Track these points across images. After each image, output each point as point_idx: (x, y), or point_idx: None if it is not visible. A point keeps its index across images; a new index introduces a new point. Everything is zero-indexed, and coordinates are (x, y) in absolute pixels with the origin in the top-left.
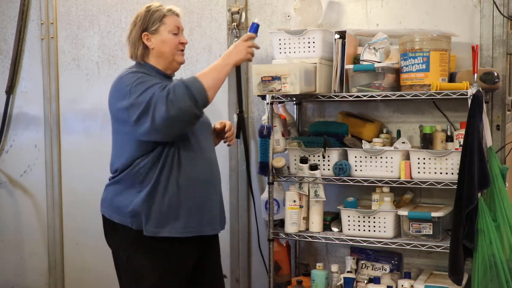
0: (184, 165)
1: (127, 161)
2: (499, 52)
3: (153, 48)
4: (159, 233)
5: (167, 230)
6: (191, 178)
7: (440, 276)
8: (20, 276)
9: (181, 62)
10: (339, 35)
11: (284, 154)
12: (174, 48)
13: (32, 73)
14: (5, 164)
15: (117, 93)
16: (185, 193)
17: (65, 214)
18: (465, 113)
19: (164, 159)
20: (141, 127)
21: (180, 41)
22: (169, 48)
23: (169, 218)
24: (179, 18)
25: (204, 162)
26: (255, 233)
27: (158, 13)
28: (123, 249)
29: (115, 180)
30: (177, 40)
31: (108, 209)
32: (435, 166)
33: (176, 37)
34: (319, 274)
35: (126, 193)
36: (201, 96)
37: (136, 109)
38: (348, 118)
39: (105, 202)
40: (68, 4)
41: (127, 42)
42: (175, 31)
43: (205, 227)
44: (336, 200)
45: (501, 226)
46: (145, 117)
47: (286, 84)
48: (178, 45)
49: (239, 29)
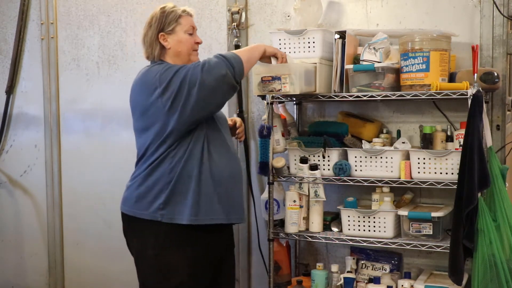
0: (213, 155)
1: (155, 153)
2: (499, 52)
3: (169, 48)
4: (195, 221)
5: (201, 218)
6: (221, 167)
7: (440, 276)
8: (20, 276)
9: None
10: (339, 35)
11: (284, 154)
12: (190, 48)
13: (32, 73)
14: (5, 164)
15: (145, 87)
16: (216, 182)
17: (65, 214)
18: (465, 113)
19: (194, 149)
20: (177, 110)
21: (195, 41)
22: (186, 48)
23: (202, 207)
24: (192, 18)
25: (230, 153)
26: (255, 233)
27: (173, 13)
28: (152, 245)
29: (142, 176)
30: (193, 40)
31: (134, 207)
32: (435, 166)
33: (192, 37)
34: (319, 274)
35: (155, 187)
36: (238, 65)
37: (170, 93)
38: (348, 118)
39: (129, 201)
40: (68, 4)
41: (143, 43)
42: (190, 31)
43: (232, 215)
44: (336, 200)
45: (501, 226)
46: (180, 97)
47: (286, 84)
48: (193, 45)
49: (239, 29)
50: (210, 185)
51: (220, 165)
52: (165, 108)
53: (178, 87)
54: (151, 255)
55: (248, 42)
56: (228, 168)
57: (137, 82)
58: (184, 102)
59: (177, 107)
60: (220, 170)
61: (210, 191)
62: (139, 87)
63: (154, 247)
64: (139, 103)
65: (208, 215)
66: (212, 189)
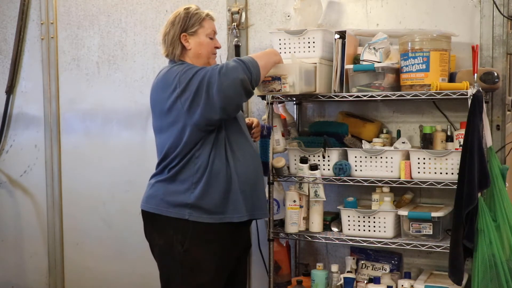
0: (237, 154)
1: (179, 153)
2: (499, 52)
3: (190, 49)
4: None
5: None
6: (246, 166)
7: (440, 276)
8: (20, 276)
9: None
10: (339, 35)
11: (284, 154)
12: (210, 52)
13: (32, 73)
14: (5, 164)
15: (165, 86)
16: (241, 180)
17: (65, 214)
18: (465, 113)
19: (218, 149)
20: (195, 111)
21: (215, 46)
22: (206, 51)
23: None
24: (214, 22)
25: (252, 150)
26: (255, 233)
27: (197, 15)
28: (178, 242)
29: (168, 176)
30: (213, 44)
31: (160, 205)
32: (435, 166)
33: (212, 41)
34: (319, 274)
35: (181, 186)
36: (255, 71)
37: (189, 93)
38: (348, 118)
39: (155, 198)
40: (68, 4)
41: (163, 41)
42: (211, 35)
43: (256, 211)
44: (336, 200)
45: (501, 226)
46: (199, 98)
47: (286, 84)
48: (213, 49)
49: (239, 29)
50: (236, 183)
51: (245, 163)
52: (184, 108)
53: (197, 88)
54: (178, 251)
55: (248, 42)
56: (252, 166)
57: (157, 81)
58: (203, 104)
59: (195, 108)
60: (245, 168)
61: (236, 189)
62: (160, 87)
63: (182, 244)
64: (159, 103)
65: (234, 213)
66: (238, 187)
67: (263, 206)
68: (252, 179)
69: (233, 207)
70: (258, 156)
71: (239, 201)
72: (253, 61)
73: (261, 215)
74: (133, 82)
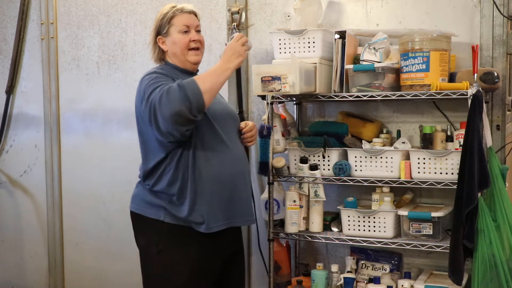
0: (211, 160)
1: (155, 159)
2: (499, 52)
3: (167, 50)
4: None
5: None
6: (218, 172)
7: (440, 276)
8: (20, 276)
9: (194, 62)
10: (339, 35)
11: (284, 154)
12: (184, 48)
13: (32, 73)
14: (5, 164)
15: (138, 94)
16: (213, 186)
17: (65, 214)
18: (465, 113)
19: (189, 156)
20: (152, 125)
21: (191, 39)
22: (179, 49)
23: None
24: (192, 15)
25: (229, 155)
26: (255, 233)
27: (166, 16)
28: (155, 243)
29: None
30: (187, 39)
31: (140, 205)
32: (435, 166)
33: (186, 35)
34: (319, 274)
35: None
36: (196, 99)
37: (147, 110)
38: (348, 118)
39: (137, 198)
40: (68, 4)
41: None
42: (184, 30)
43: (235, 219)
44: (336, 200)
45: (501, 226)
46: (152, 118)
47: (286, 84)
48: (188, 43)
49: (239, 29)
50: (207, 190)
51: (218, 166)
52: (146, 119)
53: (148, 110)
54: (153, 252)
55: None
56: (228, 170)
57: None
58: (153, 126)
59: (152, 125)
60: (217, 172)
61: (206, 198)
62: (136, 94)
63: (157, 245)
64: (136, 110)
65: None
66: (209, 193)
67: (245, 212)
68: (228, 186)
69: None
70: (241, 161)
71: (211, 209)
72: (195, 87)
73: (242, 223)
74: (133, 82)
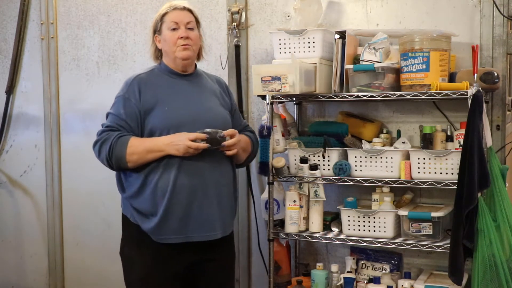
0: (167, 172)
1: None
2: (499, 52)
3: (161, 49)
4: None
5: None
6: (172, 184)
7: (440, 276)
8: (20, 276)
9: (182, 58)
10: (339, 35)
11: (284, 154)
12: (172, 45)
13: (32, 73)
14: (5, 164)
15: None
16: (166, 200)
17: (65, 214)
18: (465, 113)
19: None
20: None
21: (179, 36)
22: (168, 46)
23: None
24: (184, 11)
25: (190, 167)
26: (255, 233)
27: (159, 14)
28: (124, 239)
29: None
30: (176, 36)
31: (123, 202)
32: (435, 166)
33: (175, 32)
34: (319, 274)
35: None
36: (117, 164)
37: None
38: (348, 118)
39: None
40: (68, 4)
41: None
42: (172, 27)
43: (193, 234)
44: (336, 200)
45: (501, 226)
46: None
47: (286, 84)
48: (176, 40)
49: (239, 29)
50: (161, 203)
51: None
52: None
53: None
54: (121, 247)
55: (248, 42)
56: (185, 183)
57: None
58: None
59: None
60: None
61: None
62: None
63: (124, 241)
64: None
65: (161, 234)
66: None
67: (204, 228)
68: (182, 200)
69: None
70: (207, 172)
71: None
72: (121, 156)
73: (199, 238)
74: None
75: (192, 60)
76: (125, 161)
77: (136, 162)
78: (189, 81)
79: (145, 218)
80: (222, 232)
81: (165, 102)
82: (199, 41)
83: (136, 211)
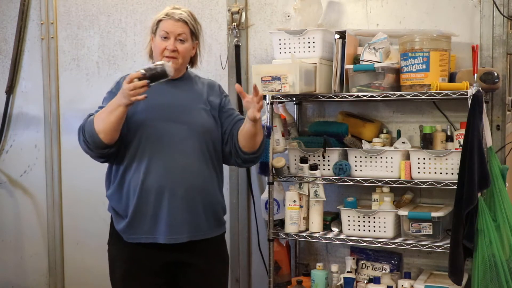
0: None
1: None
2: (499, 52)
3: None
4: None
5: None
6: (142, 184)
7: (440, 276)
8: (20, 276)
9: None
10: (339, 35)
11: (284, 154)
12: (159, 54)
13: (32, 73)
14: (5, 164)
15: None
16: (135, 199)
17: (65, 214)
18: (465, 113)
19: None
20: None
21: (166, 47)
22: (156, 52)
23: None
24: (179, 23)
25: (162, 166)
26: (255, 233)
27: (159, 17)
28: (108, 238)
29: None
30: (163, 46)
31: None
32: (435, 166)
33: (164, 42)
34: (319, 274)
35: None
36: (93, 140)
37: None
38: (348, 118)
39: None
40: (68, 4)
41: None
42: (163, 35)
43: (159, 235)
44: (336, 200)
45: (501, 226)
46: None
47: (286, 84)
48: (163, 50)
49: (239, 29)
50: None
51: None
52: None
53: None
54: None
55: (248, 42)
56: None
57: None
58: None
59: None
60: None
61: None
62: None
63: (110, 238)
64: None
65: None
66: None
67: (169, 231)
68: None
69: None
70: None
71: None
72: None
73: (164, 240)
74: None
75: (177, 70)
76: (95, 133)
77: (106, 132)
78: (176, 85)
79: (119, 218)
80: (189, 236)
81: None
82: (188, 53)
83: (113, 210)
